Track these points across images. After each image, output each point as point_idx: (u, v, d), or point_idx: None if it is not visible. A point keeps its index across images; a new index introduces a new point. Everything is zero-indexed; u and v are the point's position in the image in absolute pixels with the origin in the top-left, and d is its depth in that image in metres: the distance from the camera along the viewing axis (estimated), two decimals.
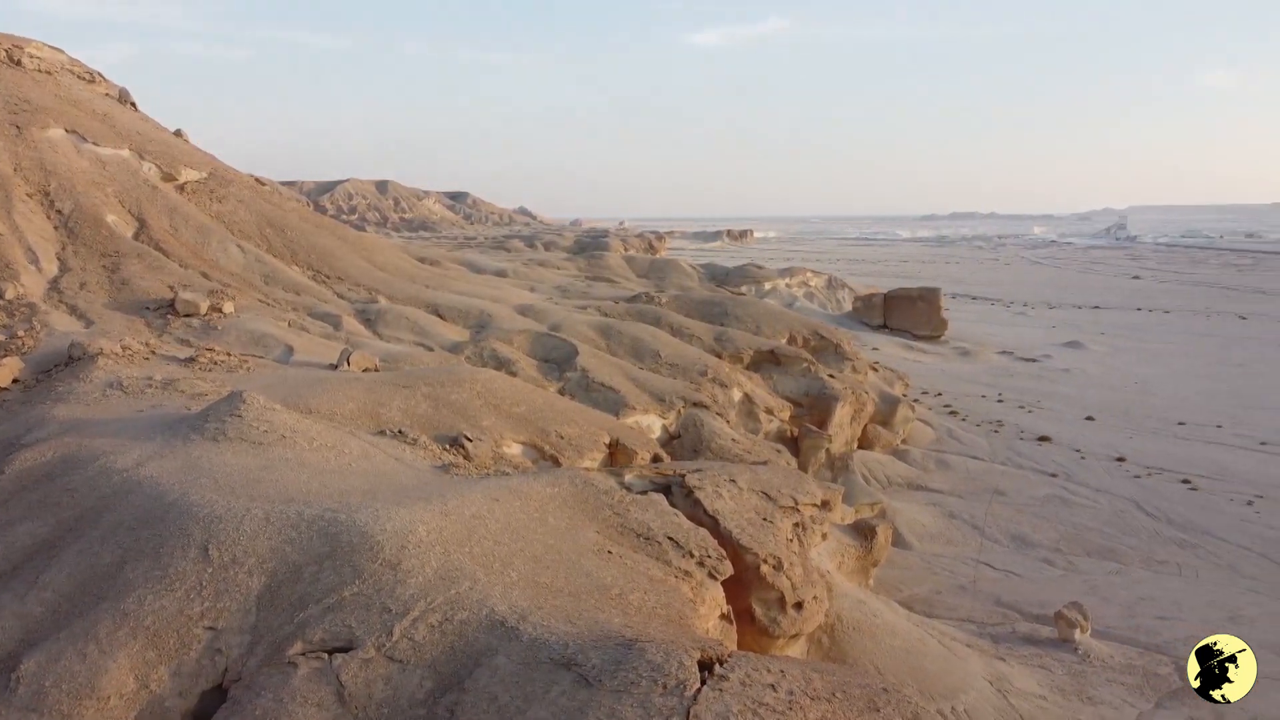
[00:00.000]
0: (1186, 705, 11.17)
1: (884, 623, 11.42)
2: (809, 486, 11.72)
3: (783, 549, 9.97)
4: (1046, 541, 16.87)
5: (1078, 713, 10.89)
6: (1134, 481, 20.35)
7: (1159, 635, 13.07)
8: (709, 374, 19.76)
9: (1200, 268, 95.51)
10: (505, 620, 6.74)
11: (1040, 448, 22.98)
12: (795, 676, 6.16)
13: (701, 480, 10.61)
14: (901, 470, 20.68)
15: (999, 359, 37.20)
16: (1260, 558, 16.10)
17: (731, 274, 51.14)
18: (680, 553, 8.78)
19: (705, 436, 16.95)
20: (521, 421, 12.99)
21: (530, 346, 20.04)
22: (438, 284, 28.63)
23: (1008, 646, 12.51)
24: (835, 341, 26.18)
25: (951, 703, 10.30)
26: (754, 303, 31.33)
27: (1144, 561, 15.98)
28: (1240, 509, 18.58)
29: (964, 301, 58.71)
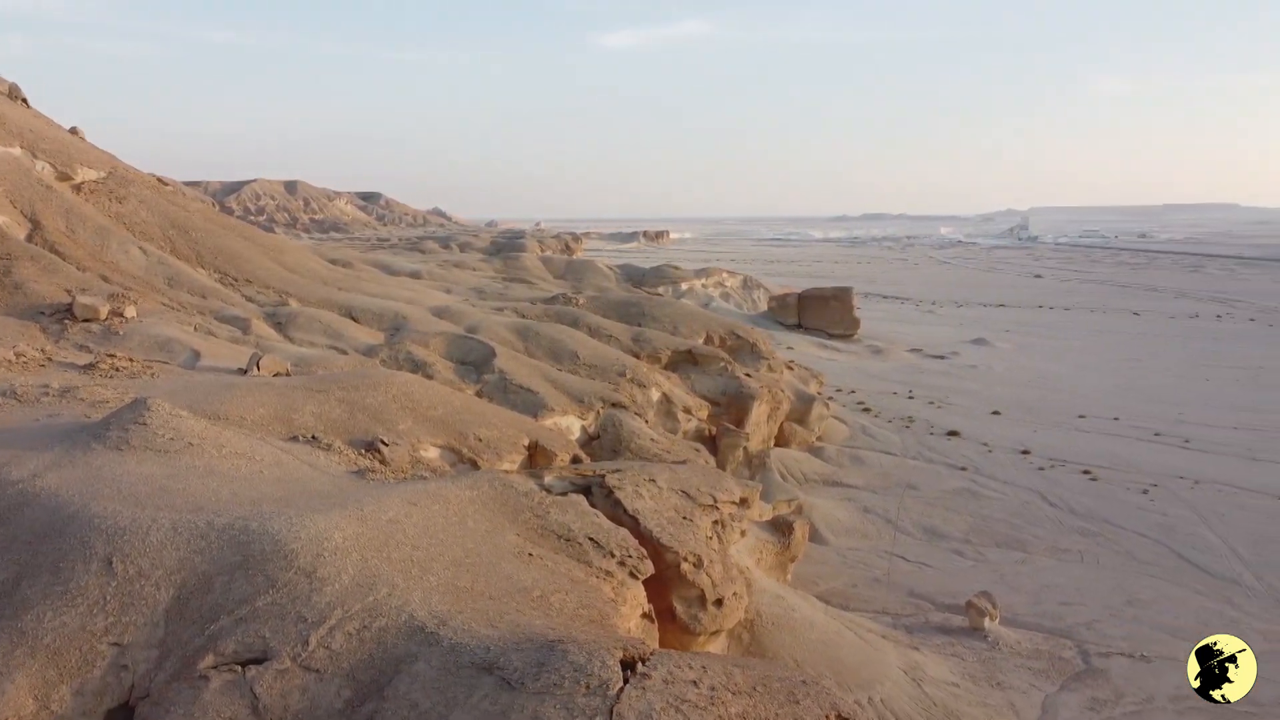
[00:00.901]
0: (1089, 687, 11.62)
1: (802, 617, 11.61)
2: (728, 485, 11.84)
3: (703, 547, 10.06)
4: (957, 533, 17.35)
5: (988, 697, 11.24)
6: (1038, 473, 21.07)
7: (1063, 620, 13.57)
8: (627, 374, 19.81)
9: (1097, 266, 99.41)
10: (425, 626, 6.65)
11: (950, 442, 23.63)
12: (717, 672, 6.22)
13: (621, 480, 10.63)
14: (817, 467, 21.04)
15: (909, 356, 38.14)
16: (1155, 543, 16.84)
17: (649, 275, 51.37)
18: (601, 553, 8.79)
19: (625, 437, 16.99)
20: (439, 425, 12.84)
21: (447, 349, 19.81)
22: (351, 286, 28.10)
23: (921, 636, 12.84)
24: (751, 341, 26.50)
25: (869, 693, 10.52)
26: (671, 303, 31.52)
27: (1048, 550, 16.56)
28: (1136, 497, 19.40)
29: (875, 300, 60.03)
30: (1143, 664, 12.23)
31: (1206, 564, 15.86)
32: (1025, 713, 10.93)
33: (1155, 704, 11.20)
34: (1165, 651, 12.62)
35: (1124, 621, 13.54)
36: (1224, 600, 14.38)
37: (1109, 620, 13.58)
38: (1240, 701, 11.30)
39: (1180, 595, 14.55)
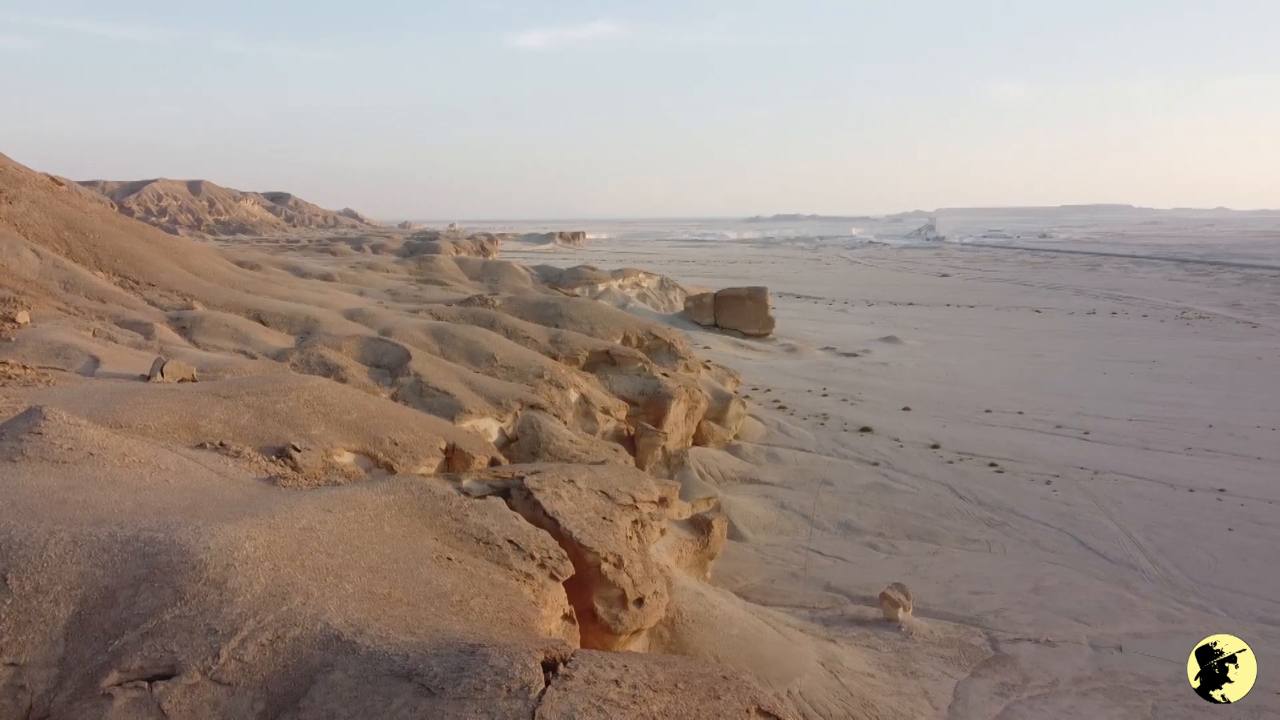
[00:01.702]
0: (998, 673, 12.00)
1: (722, 613, 11.72)
2: (647, 484, 11.89)
3: (623, 546, 10.08)
4: (870, 527, 17.73)
5: (902, 686, 11.51)
6: (948, 467, 21.67)
7: (973, 609, 13.98)
8: (545, 376, 19.74)
9: (1000, 265, 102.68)
10: (341, 634, 6.52)
11: (863, 438, 24.13)
12: (638, 671, 6.24)
13: (541, 482, 10.58)
14: (735, 465, 21.27)
15: (823, 355, 38.83)
16: (1059, 532, 17.47)
17: (565, 275, 51.25)
18: (521, 555, 8.74)
19: (543, 438, 16.91)
20: (353, 429, 12.60)
21: (360, 352, 19.45)
22: (259, 289, 27.37)
23: (838, 629, 13.09)
24: (668, 341, 26.65)
25: (788, 686, 10.68)
26: (588, 304, 31.50)
27: (958, 541, 17.04)
28: (1040, 488, 20.10)
29: (789, 300, 60.97)
30: (1048, 648, 12.68)
31: (1105, 550, 16.51)
32: (938, 700, 11.22)
33: (1059, 687, 11.62)
34: (1069, 636, 13.11)
35: (1030, 608, 14.01)
36: (1122, 585, 14.99)
37: (1016, 607, 14.04)
38: (1135, 679, 11.81)
39: (1082, 581, 15.12)
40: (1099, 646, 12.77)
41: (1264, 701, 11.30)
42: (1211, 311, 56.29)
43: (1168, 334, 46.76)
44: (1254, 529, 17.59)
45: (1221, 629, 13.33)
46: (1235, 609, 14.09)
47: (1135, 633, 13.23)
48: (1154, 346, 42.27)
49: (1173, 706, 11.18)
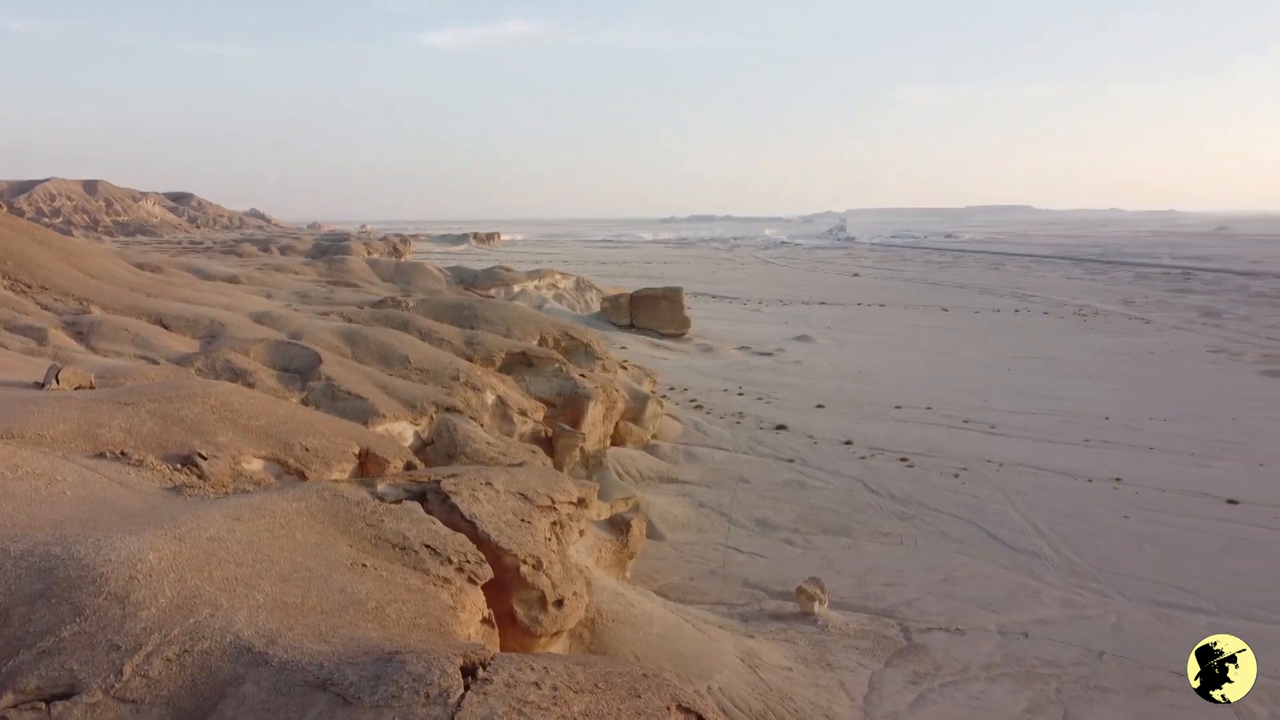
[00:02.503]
0: (911, 662, 12.30)
1: (642, 612, 11.76)
2: (565, 485, 11.86)
3: (542, 548, 10.04)
4: (787, 523, 17.99)
5: (819, 678, 11.71)
6: (860, 462, 22.12)
7: (886, 601, 14.30)
8: (461, 378, 19.53)
9: (909, 265, 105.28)
10: (252, 645, 6.35)
11: (778, 436, 24.47)
12: (558, 672, 6.23)
13: (458, 485, 10.47)
14: (653, 464, 21.35)
15: (738, 354, 39.26)
16: (967, 523, 17.98)
17: (480, 276, 50.79)
18: (439, 560, 8.63)
19: (460, 441, 16.73)
20: (262, 435, 12.28)
21: (269, 356, 18.96)
22: (161, 292, 26.47)
23: (756, 624, 13.25)
24: (585, 341, 26.62)
25: (707, 682, 10.77)
26: (504, 305, 31.27)
27: (871, 535, 17.40)
28: (949, 481, 20.66)
29: (705, 300, 61.49)
30: (958, 637, 13.04)
31: (1012, 540, 17.05)
32: (854, 690, 11.44)
33: (970, 673, 11.96)
34: (978, 624, 13.51)
35: (941, 598, 14.39)
36: (1028, 573, 15.50)
37: (927, 598, 14.40)
38: (1040, 663, 12.24)
39: (990, 570, 15.59)
40: (1006, 633, 13.18)
41: (1160, 680, 11.81)
42: (1107, 308, 58.63)
43: (1067, 331, 48.56)
44: (1147, 516, 18.38)
45: (1119, 612, 13.91)
46: (1131, 592, 14.70)
47: (1040, 619, 13.70)
48: (1054, 343, 43.84)
49: (1075, 688, 11.61)
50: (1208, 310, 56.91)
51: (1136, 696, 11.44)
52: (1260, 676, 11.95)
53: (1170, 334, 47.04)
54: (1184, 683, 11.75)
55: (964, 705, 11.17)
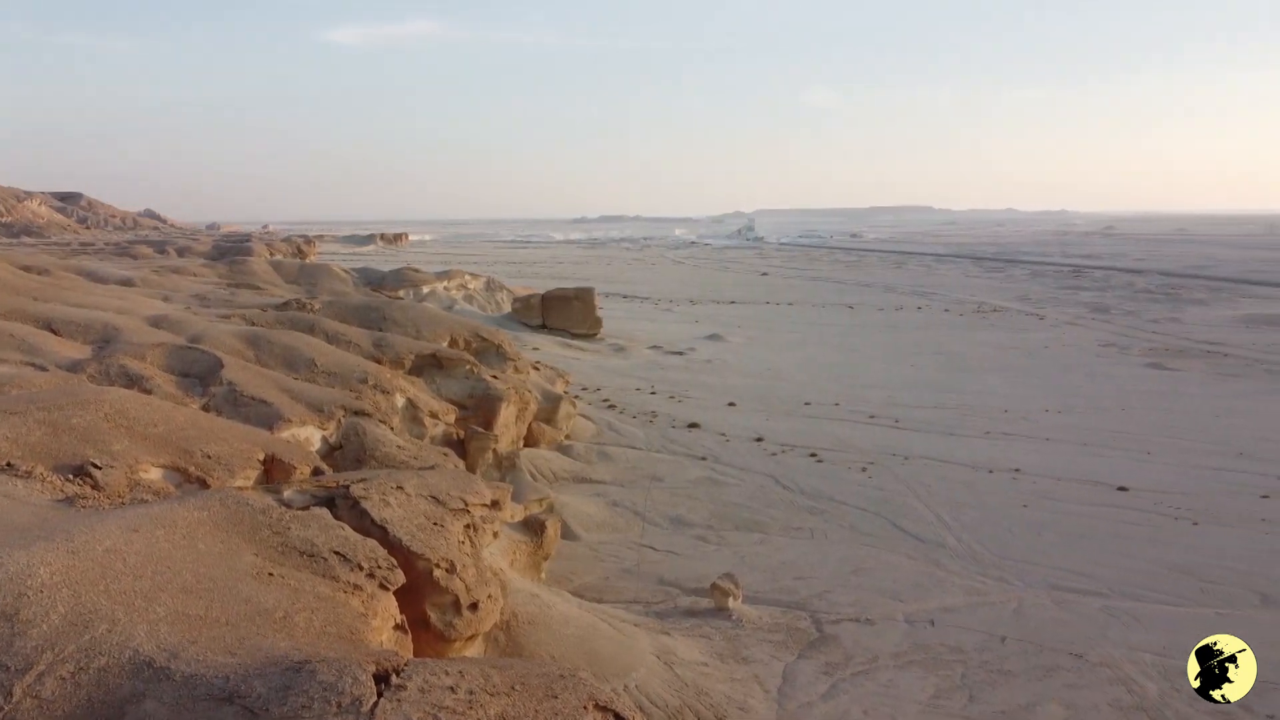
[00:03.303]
0: (823, 653, 12.54)
1: (558, 613, 11.73)
2: (478, 487, 11.75)
3: (455, 552, 9.92)
4: (700, 520, 18.15)
5: (734, 672, 11.85)
6: (771, 459, 22.45)
7: (798, 594, 14.55)
8: (369, 381, 19.16)
9: (816, 264, 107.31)
10: (153, 660, 6.12)
11: (690, 434, 24.67)
12: (474, 676, 6.16)
13: (368, 489, 10.28)
14: (566, 465, 21.31)
15: (650, 353, 39.44)
16: (875, 516, 18.41)
17: (388, 278, 49.91)
18: (348, 566, 8.46)
19: (369, 445, 16.41)
20: (161, 443, 11.84)
21: (167, 361, 18.30)
22: (49, 296, 25.31)
23: (672, 621, 13.34)
24: (496, 343, 26.41)
25: (624, 680, 10.79)
26: (413, 306, 30.80)
27: (783, 530, 17.68)
28: (857, 475, 21.13)
29: (616, 300, 61.61)
30: (868, 627, 13.34)
31: (917, 531, 17.53)
32: (768, 683, 11.61)
33: (879, 662, 12.26)
34: (886, 613, 13.85)
35: (850, 590, 14.70)
36: (933, 563, 15.95)
37: (838, 590, 14.71)
38: (946, 649, 12.61)
39: (896, 561, 15.99)
40: (913, 622, 13.54)
41: (1058, 662, 12.29)
42: (1004, 305, 60.71)
43: (967, 327, 50.12)
44: (1045, 504, 19.10)
45: (1019, 598, 14.43)
46: (1030, 578, 15.25)
47: (945, 606, 14.11)
48: (956, 338, 45.22)
49: (979, 672, 12.00)
50: (1097, 306, 59.41)
51: (1036, 678, 11.88)
52: (1149, 654, 12.56)
53: (1063, 329, 48.96)
54: (1080, 664, 12.26)
55: (874, 693, 11.44)
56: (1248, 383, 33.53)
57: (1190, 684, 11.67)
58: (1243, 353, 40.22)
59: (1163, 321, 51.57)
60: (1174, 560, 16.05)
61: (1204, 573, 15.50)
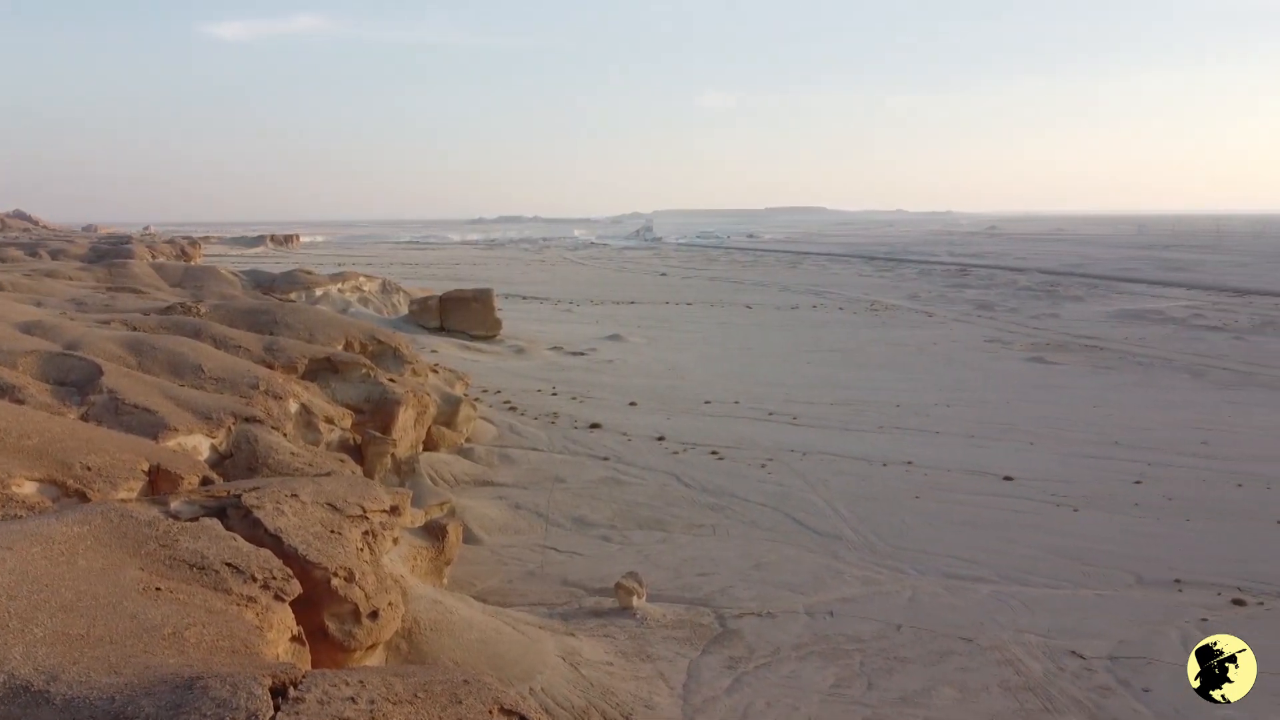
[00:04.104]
0: (726, 647, 12.69)
1: (460, 618, 11.59)
2: (376, 493, 11.52)
3: (353, 559, 9.71)
4: (603, 520, 18.17)
5: (639, 670, 11.90)
6: (673, 457, 22.62)
7: (701, 590, 14.70)
8: (261, 386, 18.58)
9: (714, 264, 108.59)
10: (30, 684, 5.82)
11: (592, 434, 24.67)
12: (375, 685, 6.05)
13: (260, 498, 9.97)
14: (467, 468, 21.07)
15: (550, 354, 39.30)
16: (774, 511, 18.73)
17: (279, 280, 48.46)
18: (241, 578, 8.19)
19: (261, 452, 15.91)
20: (35, 455, 11.26)
21: (41, 369, 17.40)
22: None
23: (576, 622, 13.32)
24: (393, 345, 25.94)
25: (529, 683, 10.73)
26: (306, 309, 29.99)
27: (685, 527, 17.84)
28: (756, 471, 21.46)
29: (516, 301, 61.19)
30: (769, 620, 13.57)
31: (815, 524, 17.90)
32: (673, 680, 11.70)
33: (781, 654, 12.48)
34: (786, 606, 14.11)
35: (752, 584, 14.93)
36: (831, 555, 16.32)
37: (739, 585, 14.91)
38: (844, 639, 12.92)
39: (796, 555, 16.31)
40: (813, 613, 13.83)
41: (951, 646, 12.71)
42: (896, 303, 62.51)
43: (861, 324, 51.45)
44: (937, 495, 19.75)
45: (913, 586, 14.88)
46: (924, 567, 15.75)
47: (843, 597, 14.45)
48: (850, 336, 46.36)
49: (876, 660, 12.33)
50: (982, 304, 61.69)
51: (931, 663, 12.27)
52: (1034, 635, 13.11)
53: (951, 326, 50.70)
54: (971, 647, 12.72)
55: (777, 685, 11.64)
56: (1120, 375, 35.32)
57: (1072, 663, 12.26)
58: (1116, 346, 42.34)
59: (1043, 317, 53.88)
60: (1056, 545, 16.79)
61: (1084, 556, 16.25)
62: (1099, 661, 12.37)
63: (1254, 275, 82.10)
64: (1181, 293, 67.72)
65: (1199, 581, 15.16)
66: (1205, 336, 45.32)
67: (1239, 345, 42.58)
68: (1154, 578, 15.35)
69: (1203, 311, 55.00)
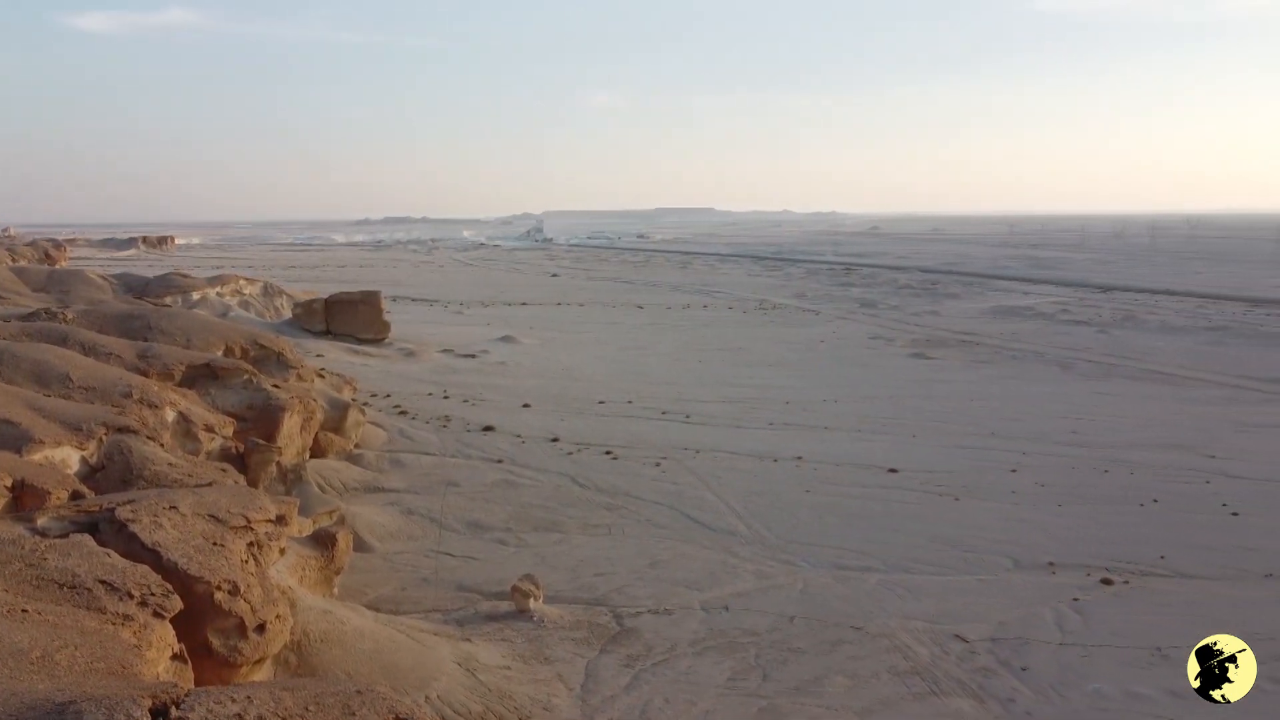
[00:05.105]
0: (624, 646, 12.74)
1: (352, 628, 11.32)
2: (261, 502, 11.16)
3: (238, 572, 9.38)
4: (498, 523, 18.00)
5: (537, 673, 11.84)
6: (568, 458, 22.57)
7: (598, 590, 14.71)
8: (135, 395, 17.76)
9: (605, 265, 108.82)
10: None
11: (486, 437, 24.42)
12: (263, 700, 5.85)
13: (136, 511, 9.54)
14: (357, 474, 20.59)
15: (441, 357, 38.72)
16: (669, 509, 18.88)
17: (152, 284, 46.40)
18: (116, 596, 7.82)
19: (136, 464, 15.21)
20: None
21: None
22: None
23: (473, 627, 13.16)
24: (277, 350, 25.16)
25: (425, 691, 10.56)
26: (182, 314, 28.83)
27: (581, 528, 17.82)
28: (651, 470, 21.60)
29: (405, 303, 60.07)
30: (666, 617, 13.67)
31: (709, 521, 18.12)
32: (571, 681, 11.68)
33: (678, 650, 12.59)
34: (683, 603, 14.25)
35: (648, 582, 15.02)
36: (725, 551, 16.54)
37: (636, 583, 14.98)
38: (740, 633, 13.13)
39: (691, 551, 16.48)
40: (709, 609, 14.00)
41: (842, 635, 13.05)
42: (783, 302, 63.82)
43: (750, 323, 52.34)
44: (826, 489, 20.24)
45: (805, 579, 15.21)
46: (815, 559, 16.12)
47: (738, 592, 14.68)
48: (740, 335, 47.10)
49: (771, 652, 12.57)
50: (866, 301, 63.53)
51: (823, 653, 12.57)
52: (920, 621, 13.57)
53: (837, 324, 52.05)
54: (861, 635, 13.09)
55: (674, 681, 11.74)
56: (996, 368, 36.88)
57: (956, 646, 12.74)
58: (991, 341, 44.19)
59: (923, 315, 55.83)
60: (939, 533, 17.41)
61: (965, 543, 16.91)
62: (981, 644, 12.89)
63: (1115, 273, 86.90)
64: (1050, 289, 71.13)
65: (1071, 563, 15.95)
66: (1072, 331, 47.72)
67: (1102, 339, 44.98)
68: (1029, 561, 16.08)
69: (1069, 307, 57.88)
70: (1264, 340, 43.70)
